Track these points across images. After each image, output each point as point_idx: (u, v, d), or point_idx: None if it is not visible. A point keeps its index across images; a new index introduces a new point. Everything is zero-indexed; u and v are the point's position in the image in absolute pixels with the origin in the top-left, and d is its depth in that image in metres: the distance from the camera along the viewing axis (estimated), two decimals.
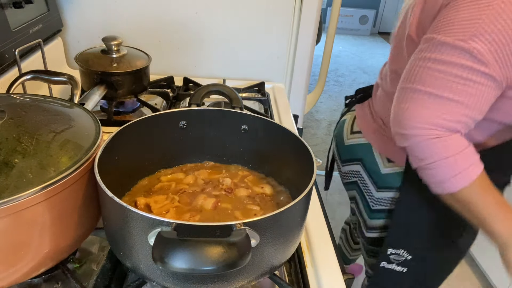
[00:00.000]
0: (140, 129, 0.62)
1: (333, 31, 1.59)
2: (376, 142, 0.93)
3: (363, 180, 0.98)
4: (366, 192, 0.97)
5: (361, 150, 0.96)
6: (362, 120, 0.99)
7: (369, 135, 0.95)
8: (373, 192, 0.95)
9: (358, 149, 0.97)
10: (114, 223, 0.48)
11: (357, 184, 1.00)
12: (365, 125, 0.97)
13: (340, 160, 1.05)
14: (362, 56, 4.78)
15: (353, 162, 0.99)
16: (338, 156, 1.07)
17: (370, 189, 0.96)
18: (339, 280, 0.59)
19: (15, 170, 0.44)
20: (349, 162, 1.01)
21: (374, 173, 0.94)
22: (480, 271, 1.87)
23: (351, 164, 1.00)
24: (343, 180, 1.07)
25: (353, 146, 0.99)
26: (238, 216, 0.58)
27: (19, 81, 0.71)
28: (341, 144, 1.05)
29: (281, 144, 0.63)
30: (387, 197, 0.92)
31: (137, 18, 1.20)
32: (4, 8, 0.86)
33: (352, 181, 1.02)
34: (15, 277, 0.46)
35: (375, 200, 0.95)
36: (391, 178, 0.90)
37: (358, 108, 1.03)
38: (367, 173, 0.95)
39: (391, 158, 0.90)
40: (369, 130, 0.96)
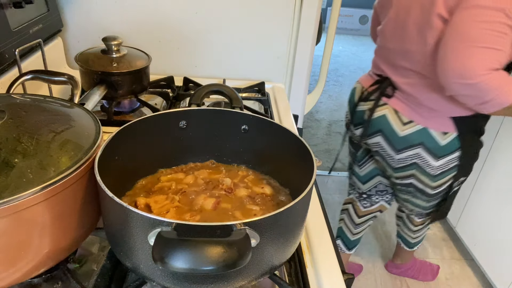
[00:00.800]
0: (140, 129, 0.62)
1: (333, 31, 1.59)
2: (431, 123, 1.16)
3: (422, 158, 1.21)
4: (425, 166, 1.22)
5: (420, 135, 1.17)
6: (408, 112, 1.18)
7: (423, 121, 1.16)
8: (432, 163, 1.21)
9: (416, 135, 1.18)
10: (114, 223, 0.48)
11: (416, 164, 1.23)
12: (413, 115, 1.17)
13: (394, 150, 1.25)
14: (362, 56, 4.78)
15: (412, 147, 1.20)
16: (391, 147, 1.25)
17: (430, 162, 1.21)
18: (339, 280, 0.59)
19: (15, 170, 0.44)
20: (407, 148, 1.21)
21: (434, 148, 1.18)
22: (480, 271, 1.87)
23: (410, 149, 1.21)
24: (398, 164, 1.27)
25: (410, 135, 1.19)
26: (238, 216, 0.58)
27: (19, 81, 0.71)
28: (394, 136, 1.22)
29: (281, 144, 0.63)
30: (447, 160, 1.20)
31: (137, 18, 1.20)
32: (4, 8, 0.86)
33: (411, 163, 1.24)
34: (15, 277, 0.46)
35: (435, 168, 1.22)
36: (450, 145, 1.17)
37: (393, 102, 1.21)
38: (428, 151, 1.19)
39: (446, 131, 1.15)
40: (421, 118, 1.16)
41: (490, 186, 1.75)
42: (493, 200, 1.73)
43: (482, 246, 1.82)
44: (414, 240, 1.66)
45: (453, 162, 1.21)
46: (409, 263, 1.82)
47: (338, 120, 3.26)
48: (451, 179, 1.27)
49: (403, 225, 1.63)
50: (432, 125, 1.16)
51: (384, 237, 2.08)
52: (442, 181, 1.27)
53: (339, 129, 3.13)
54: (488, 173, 1.76)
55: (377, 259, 1.95)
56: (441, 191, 1.31)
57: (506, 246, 1.64)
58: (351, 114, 1.39)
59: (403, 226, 1.63)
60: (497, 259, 1.71)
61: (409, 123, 1.18)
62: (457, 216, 1.99)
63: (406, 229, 1.63)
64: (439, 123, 1.15)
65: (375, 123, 1.26)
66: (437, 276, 1.86)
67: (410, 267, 1.82)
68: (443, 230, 2.15)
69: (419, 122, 1.16)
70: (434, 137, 1.16)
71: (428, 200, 1.36)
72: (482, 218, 1.80)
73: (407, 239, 1.67)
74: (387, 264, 1.89)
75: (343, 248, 1.71)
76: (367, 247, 2.01)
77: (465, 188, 1.91)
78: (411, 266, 1.82)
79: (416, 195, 1.36)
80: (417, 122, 1.16)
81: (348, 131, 1.45)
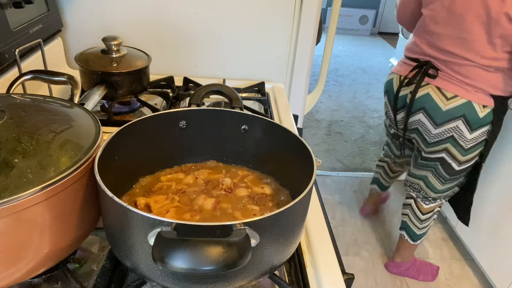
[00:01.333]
0: (140, 129, 0.62)
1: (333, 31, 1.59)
2: (475, 97, 1.33)
3: (459, 131, 1.38)
4: (460, 139, 1.39)
5: (463, 108, 1.34)
6: (453, 88, 1.35)
7: (468, 95, 1.33)
8: (467, 136, 1.38)
9: (460, 108, 1.35)
10: (114, 223, 0.48)
11: (453, 137, 1.40)
12: (459, 90, 1.34)
13: (434, 125, 1.41)
14: (362, 56, 4.78)
15: (453, 120, 1.37)
16: (431, 122, 1.42)
17: (465, 135, 1.38)
18: (339, 280, 0.59)
19: (15, 170, 0.44)
20: (448, 122, 1.38)
21: (473, 120, 1.35)
22: (480, 271, 1.87)
23: (450, 122, 1.38)
24: (434, 139, 1.44)
25: (453, 109, 1.36)
26: (238, 216, 0.58)
27: (19, 81, 0.71)
28: (436, 111, 1.39)
29: (281, 144, 0.63)
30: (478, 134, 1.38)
31: (137, 18, 1.20)
32: (4, 8, 0.86)
33: (448, 137, 1.41)
34: (15, 277, 0.46)
35: (468, 140, 1.39)
36: (486, 118, 1.35)
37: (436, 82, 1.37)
38: (466, 123, 1.36)
39: (485, 104, 1.33)
40: (466, 92, 1.33)
41: (490, 186, 1.75)
42: (493, 200, 1.73)
43: (482, 246, 1.82)
44: (419, 231, 1.69)
45: (483, 135, 1.39)
46: (409, 263, 1.82)
47: (338, 120, 3.26)
48: (477, 156, 1.44)
49: (411, 213, 1.68)
50: (476, 99, 1.33)
51: (384, 237, 2.08)
52: (471, 156, 1.43)
53: (339, 129, 3.14)
54: (488, 173, 1.76)
55: (377, 259, 1.95)
56: (466, 169, 1.48)
57: (506, 246, 1.64)
58: (394, 101, 1.54)
59: (411, 215, 1.68)
60: (497, 259, 1.71)
61: (453, 97, 1.35)
62: None
63: (413, 217, 1.67)
64: (482, 98, 1.33)
65: (417, 102, 1.42)
66: (437, 276, 1.86)
67: (410, 266, 1.83)
68: (443, 230, 2.15)
69: (464, 96, 1.33)
70: (476, 109, 1.34)
71: (444, 181, 1.51)
72: (482, 218, 1.80)
73: (413, 230, 1.70)
74: (387, 264, 1.89)
75: (378, 190, 2.05)
76: (367, 247, 2.01)
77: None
78: (411, 265, 1.83)
79: (438, 172, 1.51)
80: (462, 96, 1.33)
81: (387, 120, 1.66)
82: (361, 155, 2.80)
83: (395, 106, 1.53)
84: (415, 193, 1.62)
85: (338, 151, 2.84)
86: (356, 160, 2.74)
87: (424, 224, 1.67)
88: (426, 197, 1.59)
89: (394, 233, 2.11)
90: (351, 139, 3.00)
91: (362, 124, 3.22)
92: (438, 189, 1.54)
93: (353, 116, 3.35)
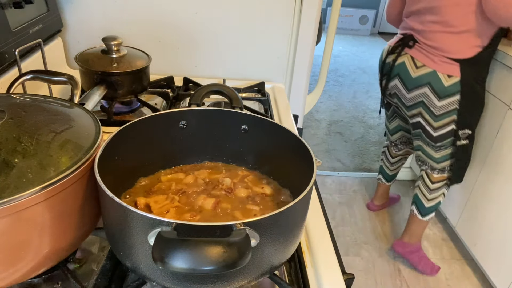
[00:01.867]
0: (140, 129, 0.62)
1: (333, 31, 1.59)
2: (440, 67, 1.49)
3: (428, 97, 1.54)
4: (430, 105, 1.55)
5: (428, 76, 1.51)
6: (422, 58, 1.52)
7: (433, 65, 1.50)
8: (435, 103, 1.54)
9: (426, 76, 1.52)
10: (114, 223, 0.48)
11: (423, 102, 1.56)
12: (427, 60, 1.51)
13: (406, 90, 1.60)
14: (362, 56, 4.79)
15: (421, 87, 1.54)
16: (404, 87, 1.61)
17: (434, 102, 1.54)
18: (339, 280, 0.59)
19: (15, 170, 0.44)
20: (417, 88, 1.55)
21: (439, 88, 1.50)
22: (480, 271, 1.87)
23: (419, 89, 1.55)
24: (409, 103, 1.62)
25: (421, 76, 1.53)
26: (238, 216, 0.58)
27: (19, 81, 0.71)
28: (407, 77, 1.58)
29: (281, 144, 0.63)
30: (448, 103, 1.52)
31: (137, 18, 1.20)
32: (4, 8, 0.86)
33: (419, 101, 1.57)
34: (15, 277, 0.46)
35: (438, 107, 1.54)
36: (452, 87, 1.49)
37: (412, 51, 1.56)
38: (433, 90, 1.52)
39: (449, 74, 1.48)
40: (432, 62, 1.50)
41: (490, 186, 1.75)
42: (493, 200, 1.73)
43: (482, 246, 1.82)
44: (428, 203, 1.78)
45: (453, 105, 1.52)
46: (415, 246, 1.88)
47: (338, 120, 3.26)
48: (452, 124, 1.56)
49: (422, 184, 1.80)
50: (440, 69, 1.49)
51: (384, 237, 2.08)
52: (443, 122, 1.56)
53: (339, 129, 3.14)
54: (488, 173, 1.76)
55: (377, 259, 1.95)
56: (444, 136, 1.60)
57: (506, 246, 1.64)
58: (381, 68, 1.73)
59: (421, 186, 1.80)
60: (497, 259, 1.71)
61: (421, 66, 1.52)
62: (457, 216, 1.99)
63: (424, 188, 1.78)
64: (446, 68, 1.48)
65: (395, 69, 1.62)
66: (437, 276, 1.86)
67: (414, 251, 1.88)
68: (443, 230, 2.15)
69: (430, 66, 1.50)
70: (440, 78, 1.49)
71: (435, 148, 1.65)
72: (482, 218, 1.80)
73: (422, 202, 1.79)
74: (394, 242, 1.95)
75: (383, 181, 2.14)
76: (367, 247, 2.01)
77: (465, 188, 1.91)
78: (415, 250, 1.88)
79: (424, 139, 1.65)
80: (429, 65, 1.50)
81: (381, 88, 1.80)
82: (361, 155, 2.80)
83: (381, 72, 1.74)
84: (424, 166, 1.76)
85: (338, 151, 2.84)
86: (356, 160, 2.74)
87: (433, 195, 1.76)
88: (433, 168, 1.72)
89: (394, 233, 2.11)
90: (351, 139, 3.00)
91: (362, 124, 3.22)
92: (436, 157, 1.68)
93: (353, 116, 3.35)
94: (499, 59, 1.67)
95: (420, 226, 1.84)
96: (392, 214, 2.24)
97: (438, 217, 2.23)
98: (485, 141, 1.77)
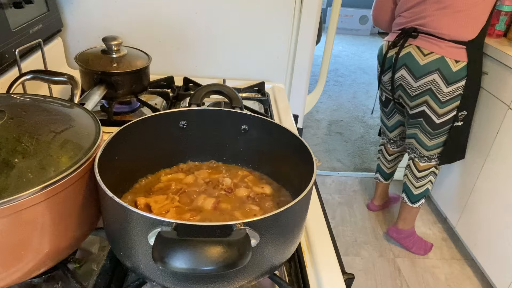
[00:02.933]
0: (140, 129, 0.62)
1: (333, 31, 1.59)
2: (447, 52, 1.54)
3: (436, 84, 1.58)
4: (438, 92, 1.59)
5: (437, 62, 1.55)
6: (429, 46, 1.56)
7: (441, 51, 1.54)
8: (443, 89, 1.58)
9: (434, 63, 1.56)
10: (114, 223, 0.48)
11: (431, 90, 1.60)
12: (434, 47, 1.55)
13: (414, 78, 1.62)
14: (362, 56, 4.78)
15: (430, 73, 1.57)
16: (411, 76, 1.63)
17: (442, 88, 1.58)
18: (339, 280, 0.59)
19: (15, 170, 0.44)
20: (426, 75, 1.58)
21: (448, 74, 1.55)
22: (480, 271, 1.87)
23: (428, 76, 1.58)
24: (416, 92, 1.64)
25: (430, 63, 1.57)
26: (238, 216, 0.58)
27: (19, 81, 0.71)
28: (415, 66, 1.60)
29: (281, 144, 0.63)
30: (454, 88, 1.57)
31: (137, 18, 1.20)
32: (4, 8, 0.86)
33: (426, 89, 1.61)
34: (15, 277, 0.46)
35: (444, 94, 1.59)
36: (459, 72, 1.55)
37: (416, 42, 1.59)
38: (442, 76, 1.56)
39: (457, 59, 1.53)
40: (439, 49, 1.55)
41: (490, 186, 1.75)
42: (493, 200, 1.73)
43: (482, 246, 1.82)
44: (416, 190, 1.86)
45: (459, 90, 1.57)
46: (409, 231, 1.97)
47: (338, 120, 3.26)
48: (455, 110, 1.62)
49: (409, 173, 1.87)
50: (448, 54, 1.54)
51: (384, 237, 2.08)
52: (448, 109, 1.61)
53: (339, 129, 3.13)
54: (488, 173, 1.76)
55: (377, 259, 1.95)
56: (445, 123, 1.65)
57: (506, 246, 1.64)
58: (382, 64, 1.75)
59: (409, 174, 1.87)
60: (497, 259, 1.71)
61: (429, 54, 1.56)
62: (457, 216, 1.99)
63: (411, 176, 1.86)
64: (454, 53, 1.53)
65: (400, 60, 1.64)
66: (437, 276, 1.87)
67: (408, 236, 1.98)
68: (443, 230, 2.15)
69: (438, 52, 1.54)
70: (449, 64, 1.54)
71: (431, 136, 1.70)
72: (482, 218, 1.80)
73: (410, 190, 1.87)
74: (389, 229, 2.05)
75: (381, 180, 2.15)
76: (367, 247, 2.01)
77: (465, 188, 1.91)
78: (409, 235, 1.98)
79: (423, 128, 1.69)
80: (437, 52, 1.55)
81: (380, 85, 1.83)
82: (361, 155, 2.80)
83: (382, 67, 1.76)
84: (412, 153, 1.82)
85: (338, 151, 2.84)
86: (356, 160, 2.74)
87: (420, 183, 1.84)
88: (421, 156, 1.78)
89: None
90: (351, 139, 3.00)
91: (362, 124, 3.22)
92: (427, 145, 1.74)
93: (353, 116, 3.35)
94: (499, 59, 1.67)
95: (411, 212, 1.91)
96: (392, 214, 2.24)
97: (438, 217, 2.23)
98: (485, 141, 1.77)
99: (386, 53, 1.72)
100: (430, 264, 1.94)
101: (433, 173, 1.83)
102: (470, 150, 1.88)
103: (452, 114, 1.63)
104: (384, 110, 1.99)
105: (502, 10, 1.74)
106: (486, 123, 1.77)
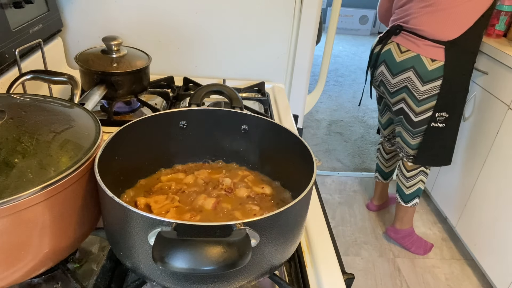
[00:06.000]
0: (140, 129, 0.62)
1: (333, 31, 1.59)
2: (423, 51, 1.54)
3: (412, 82, 1.58)
4: (413, 89, 1.59)
5: (412, 60, 1.56)
6: (406, 43, 1.58)
7: (417, 48, 1.55)
8: (419, 88, 1.57)
9: (410, 60, 1.57)
10: (114, 223, 0.48)
11: (407, 87, 1.60)
12: (411, 45, 1.57)
13: (391, 75, 1.64)
14: (362, 56, 4.78)
15: (405, 71, 1.58)
16: (389, 73, 1.65)
17: (417, 86, 1.57)
18: (339, 280, 0.59)
19: (15, 170, 0.44)
20: (401, 72, 1.60)
21: (422, 72, 1.54)
22: (480, 271, 1.87)
23: (403, 73, 1.59)
24: (394, 88, 1.65)
25: (405, 60, 1.58)
26: (238, 216, 0.58)
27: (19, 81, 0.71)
28: (392, 62, 1.63)
29: (281, 144, 0.63)
30: (430, 87, 1.56)
31: (137, 18, 1.20)
32: (4, 8, 0.86)
33: (402, 86, 1.62)
34: (15, 277, 0.46)
35: (420, 92, 1.58)
36: (435, 72, 1.53)
37: (397, 39, 1.63)
38: (417, 74, 1.56)
39: (434, 58, 1.52)
40: (416, 47, 1.55)
41: (490, 186, 1.75)
42: (493, 200, 1.73)
43: (482, 246, 1.82)
44: (407, 190, 1.86)
45: (435, 90, 1.56)
46: (407, 231, 1.97)
47: (338, 120, 3.26)
48: (432, 109, 1.60)
49: (399, 173, 1.89)
50: (423, 53, 1.54)
51: (384, 237, 2.08)
52: (424, 108, 1.61)
53: (339, 129, 3.13)
54: (488, 173, 1.76)
55: (377, 259, 1.95)
56: (423, 122, 1.64)
57: (506, 246, 1.64)
58: (369, 59, 1.79)
59: (399, 175, 1.89)
60: (497, 259, 1.71)
61: (406, 51, 1.58)
62: (457, 216, 1.99)
63: (401, 176, 1.87)
64: (430, 51, 1.53)
65: (381, 56, 1.68)
66: (437, 276, 1.87)
67: (407, 235, 1.98)
68: (443, 230, 2.15)
69: (414, 50, 1.56)
70: (424, 62, 1.54)
71: (413, 134, 1.70)
72: (482, 218, 1.80)
73: (402, 190, 1.88)
74: (387, 228, 2.05)
75: (380, 179, 2.14)
76: (367, 247, 2.01)
77: (465, 188, 1.91)
78: (408, 234, 1.98)
79: (404, 126, 1.70)
80: (413, 50, 1.56)
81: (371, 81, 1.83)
82: (361, 155, 2.80)
83: (369, 62, 1.81)
84: (401, 152, 1.82)
85: (338, 151, 2.84)
86: (356, 160, 2.74)
87: (410, 183, 1.84)
88: (407, 155, 1.78)
89: None
90: (351, 139, 3.00)
91: (362, 124, 3.22)
92: (411, 144, 1.73)
93: (353, 116, 3.35)
94: (499, 59, 1.67)
95: (407, 212, 1.92)
96: (392, 214, 2.24)
97: (438, 217, 2.23)
98: (485, 141, 1.77)
99: (373, 50, 1.76)
100: (430, 264, 1.94)
101: (423, 172, 1.81)
102: (470, 150, 1.88)
103: (430, 114, 1.61)
104: (378, 107, 2.01)
105: (502, 10, 1.74)
106: (486, 123, 1.77)
